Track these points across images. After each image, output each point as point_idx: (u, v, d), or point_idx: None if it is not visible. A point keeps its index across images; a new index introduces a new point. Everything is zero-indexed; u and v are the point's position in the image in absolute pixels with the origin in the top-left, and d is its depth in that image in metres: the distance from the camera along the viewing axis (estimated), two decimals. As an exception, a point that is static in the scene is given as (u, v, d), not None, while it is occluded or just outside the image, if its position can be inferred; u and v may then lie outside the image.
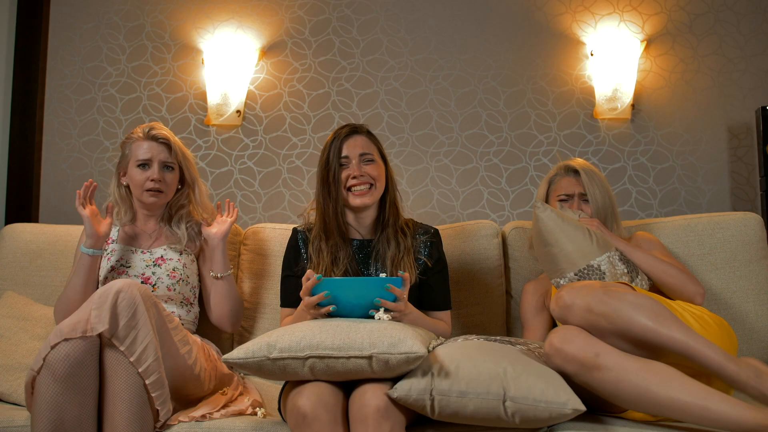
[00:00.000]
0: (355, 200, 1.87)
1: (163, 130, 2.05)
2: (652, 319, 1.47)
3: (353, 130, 1.92)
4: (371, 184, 1.88)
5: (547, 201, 2.13)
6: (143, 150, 2.01)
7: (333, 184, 1.87)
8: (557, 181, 2.11)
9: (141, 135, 2.03)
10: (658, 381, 1.43)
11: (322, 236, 1.89)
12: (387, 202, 1.93)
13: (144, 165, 2.01)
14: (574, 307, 1.53)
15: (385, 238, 1.90)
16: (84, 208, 1.94)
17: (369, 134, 1.95)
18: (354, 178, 1.87)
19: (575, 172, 2.08)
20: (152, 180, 2.00)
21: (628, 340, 1.49)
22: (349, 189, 1.88)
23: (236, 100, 2.78)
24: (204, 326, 2.14)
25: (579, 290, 1.56)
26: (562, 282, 1.84)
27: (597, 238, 1.86)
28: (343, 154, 1.88)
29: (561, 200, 2.07)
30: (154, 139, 2.03)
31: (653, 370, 1.45)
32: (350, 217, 1.94)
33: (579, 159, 2.16)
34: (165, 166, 2.04)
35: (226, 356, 1.52)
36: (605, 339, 1.51)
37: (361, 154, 1.89)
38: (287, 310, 1.91)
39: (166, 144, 2.04)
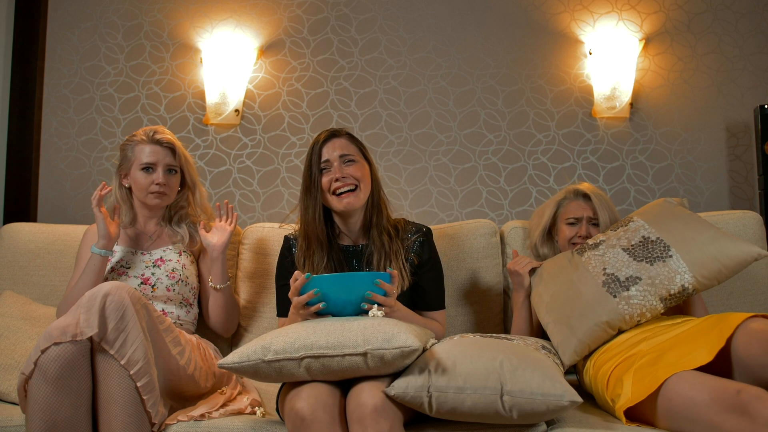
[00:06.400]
0: (340, 204, 1.83)
1: (167, 134, 2.07)
2: None
3: (332, 133, 1.89)
4: (356, 185, 1.84)
5: (554, 223, 2.13)
6: (147, 153, 2.03)
7: (313, 190, 1.84)
8: (566, 204, 2.11)
9: (145, 138, 2.05)
10: None
11: (302, 244, 1.87)
12: (371, 203, 1.89)
13: (148, 168, 2.03)
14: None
15: (372, 241, 1.87)
16: (99, 209, 1.96)
17: (349, 136, 1.91)
18: (337, 180, 1.83)
19: (585, 196, 2.09)
20: (157, 184, 2.03)
21: None
22: (334, 193, 1.84)
23: (235, 99, 2.78)
24: (204, 326, 2.15)
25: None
26: (674, 259, 1.76)
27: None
28: (323, 158, 1.85)
29: (569, 223, 2.07)
30: (159, 143, 2.05)
31: None
32: (340, 222, 1.91)
33: (586, 183, 2.16)
34: (169, 170, 2.06)
35: (221, 361, 1.52)
36: None
37: (342, 156, 1.85)
38: (284, 320, 1.88)
39: (171, 148, 2.06)
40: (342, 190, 1.83)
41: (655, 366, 1.52)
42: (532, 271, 2.02)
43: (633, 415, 1.54)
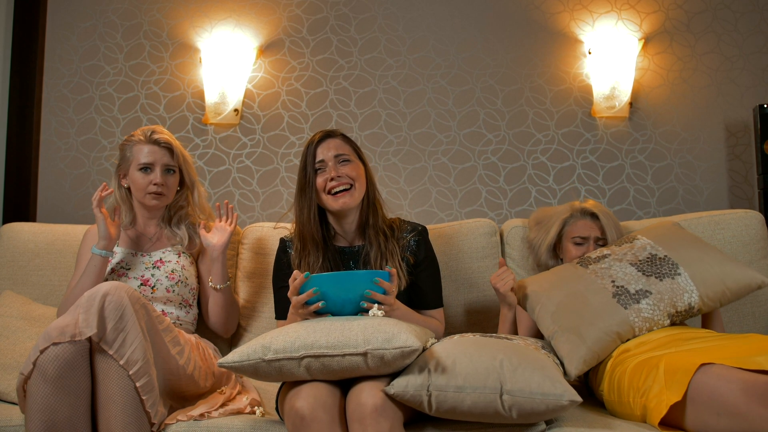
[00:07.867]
0: (335, 203, 1.83)
1: (165, 134, 2.06)
2: None
3: (327, 134, 1.89)
4: (351, 185, 1.84)
5: (559, 242, 2.08)
6: (145, 153, 2.02)
7: (308, 190, 1.84)
8: (572, 222, 2.05)
9: (143, 138, 2.03)
10: None
11: (298, 244, 1.87)
12: (366, 204, 1.89)
13: (146, 168, 2.02)
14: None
15: (368, 242, 1.87)
16: (99, 210, 1.96)
17: (344, 136, 1.91)
18: (332, 180, 1.83)
19: (592, 215, 2.05)
20: (155, 184, 2.01)
21: None
22: (329, 192, 1.84)
23: (234, 98, 2.78)
24: (203, 326, 2.15)
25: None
26: (682, 278, 1.80)
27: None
28: (318, 159, 1.85)
29: (576, 243, 2.02)
30: (156, 143, 2.03)
31: None
32: (335, 224, 1.91)
33: (591, 200, 2.13)
34: (167, 170, 2.05)
35: (221, 360, 1.52)
36: None
37: (336, 155, 1.85)
38: (282, 322, 1.88)
39: (168, 148, 2.05)
40: (337, 189, 1.83)
41: (693, 356, 1.49)
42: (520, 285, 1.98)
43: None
